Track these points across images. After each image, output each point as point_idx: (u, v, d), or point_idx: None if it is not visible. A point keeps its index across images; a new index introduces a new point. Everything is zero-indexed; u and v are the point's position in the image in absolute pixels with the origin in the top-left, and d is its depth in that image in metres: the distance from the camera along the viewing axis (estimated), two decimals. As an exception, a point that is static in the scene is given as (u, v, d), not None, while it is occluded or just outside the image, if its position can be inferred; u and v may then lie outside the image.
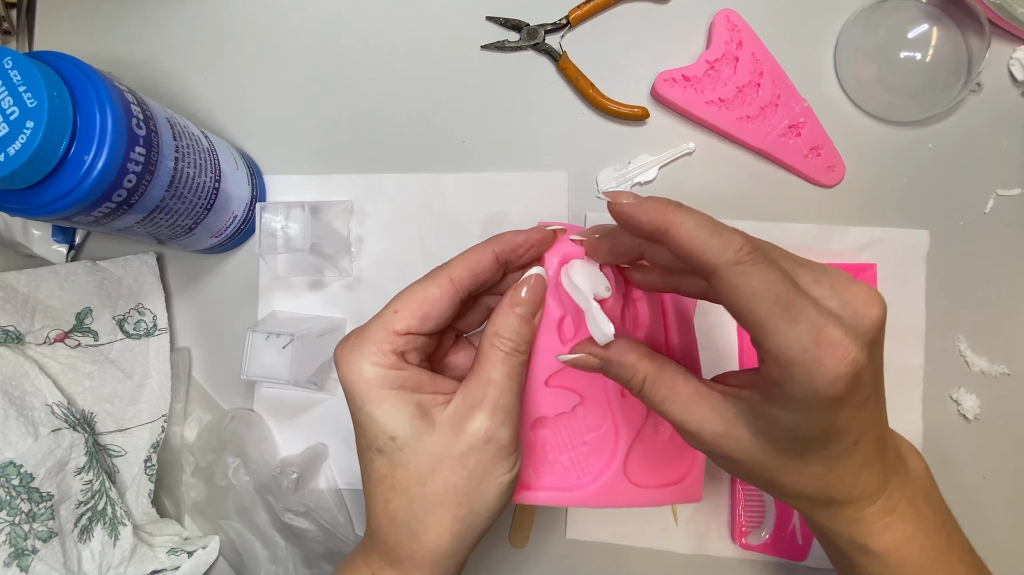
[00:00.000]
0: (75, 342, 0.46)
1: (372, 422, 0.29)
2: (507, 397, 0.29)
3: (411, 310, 0.29)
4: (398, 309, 0.29)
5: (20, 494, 0.41)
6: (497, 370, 0.29)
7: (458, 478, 0.29)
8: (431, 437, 0.29)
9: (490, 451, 0.29)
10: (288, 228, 0.42)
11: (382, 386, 0.29)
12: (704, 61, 0.47)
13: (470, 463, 0.29)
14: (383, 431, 0.29)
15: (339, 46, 0.50)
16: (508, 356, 0.30)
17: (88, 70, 0.33)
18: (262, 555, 0.46)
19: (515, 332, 0.30)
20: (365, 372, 0.29)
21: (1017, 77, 0.47)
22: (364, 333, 0.29)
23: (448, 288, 0.30)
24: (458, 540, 0.29)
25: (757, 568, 0.46)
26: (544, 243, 0.32)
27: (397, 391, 0.29)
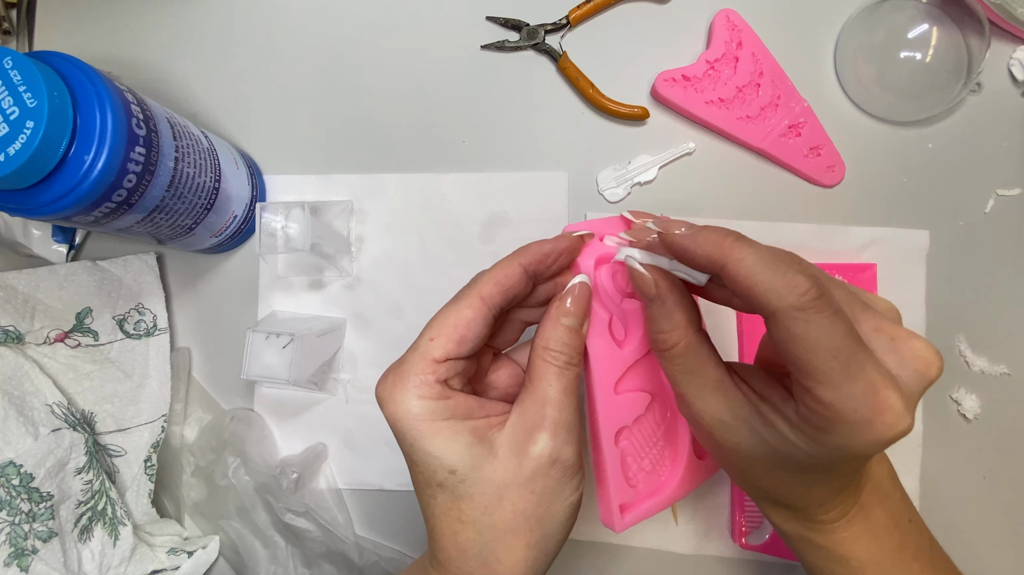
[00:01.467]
0: (75, 342, 0.46)
1: (428, 458, 0.27)
2: (566, 414, 0.28)
3: (446, 335, 0.28)
4: (433, 336, 0.28)
5: (20, 494, 0.41)
6: (553, 387, 0.28)
7: (527, 504, 0.28)
8: (493, 464, 0.28)
9: (556, 473, 0.28)
10: (288, 228, 0.42)
11: (433, 419, 0.27)
12: (704, 61, 0.47)
13: (537, 487, 0.28)
14: (441, 465, 0.27)
15: (339, 46, 0.50)
16: (562, 371, 0.29)
17: (88, 70, 0.33)
18: (262, 555, 0.46)
19: (565, 344, 0.29)
20: (412, 408, 0.27)
21: (1017, 77, 0.47)
22: (403, 367, 0.28)
23: (480, 307, 0.28)
24: (532, 566, 0.28)
25: (757, 568, 0.46)
26: (572, 250, 0.30)
27: (449, 422, 0.28)
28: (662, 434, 0.33)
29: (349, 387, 0.48)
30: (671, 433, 0.33)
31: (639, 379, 0.32)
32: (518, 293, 0.30)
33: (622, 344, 0.31)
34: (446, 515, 0.28)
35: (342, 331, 0.48)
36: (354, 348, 0.48)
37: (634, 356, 0.31)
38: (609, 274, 0.30)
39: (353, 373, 0.48)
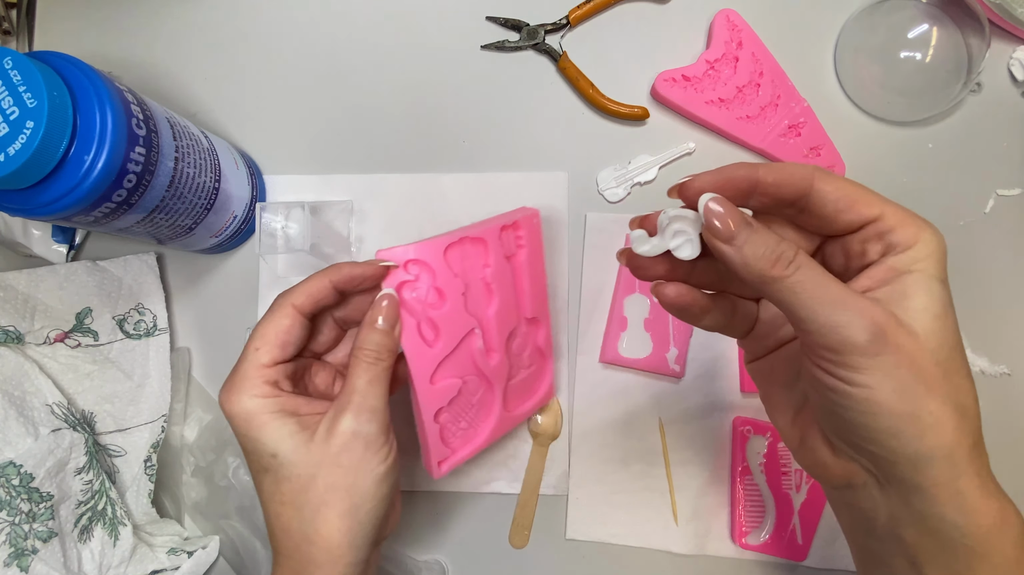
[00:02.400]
0: (75, 342, 0.46)
1: (256, 445, 0.32)
2: (370, 399, 0.32)
3: (270, 342, 0.33)
4: (258, 346, 0.33)
5: (20, 494, 0.41)
6: (361, 378, 0.33)
7: (335, 477, 0.31)
8: (309, 447, 0.32)
9: (359, 446, 0.32)
10: (288, 228, 0.42)
11: (263, 412, 0.32)
12: (704, 61, 0.47)
13: (343, 461, 0.32)
14: (266, 450, 0.32)
15: (339, 46, 0.50)
16: (370, 365, 0.33)
17: (88, 70, 0.33)
18: (262, 555, 0.46)
19: (376, 343, 0.33)
20: (247, 405, 0.32)
21: (1017, 77, 0.47)
22: (237, 374, 0.33)
23: (295, 316, 0.34)
24: (348, 534, 0.31)
25: (757, 568, 0.46)
26: (377, 277, 0.35)
27: (278, 413, 0.32)
28: (476, 402, 0.41)
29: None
30: (485, 401, 0.41)
31: (451, 370, 0.38)
32: (327, 303, 0.35)
33: (432, 343, 0.37)
34: (271, 499, 0.32)
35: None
36: None
37: (444, 352, 0.37)
38: (411, 290, 0.36)
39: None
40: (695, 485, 0.46)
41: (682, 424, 0.47)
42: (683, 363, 0.46)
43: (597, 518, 0.47)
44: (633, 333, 0.46)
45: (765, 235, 0.26)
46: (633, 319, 0.46)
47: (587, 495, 0.47)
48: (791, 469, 0.46)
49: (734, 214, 0.26)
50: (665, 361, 0.46)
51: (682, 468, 0.47)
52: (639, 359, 0.46)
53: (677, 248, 0.28)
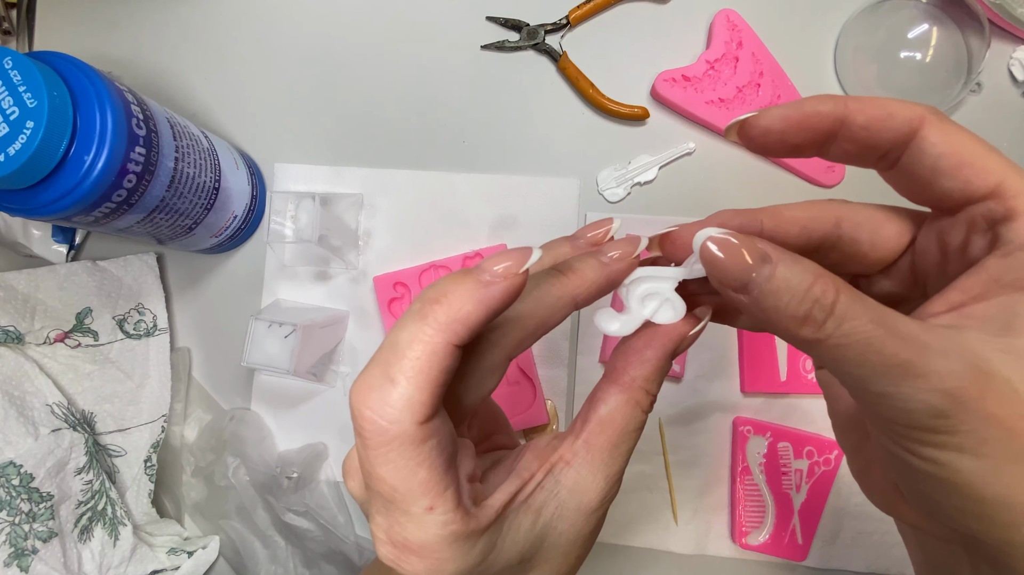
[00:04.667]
0: (75, 342, 0.46)
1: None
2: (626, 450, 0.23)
3: (430, 477, 0.18)
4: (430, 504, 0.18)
5: (20, 494, 0.41)
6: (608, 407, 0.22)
7: (586, 549, 0.24)
8: (562, 525, 0.22)
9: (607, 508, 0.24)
10: (298, 218, 0.42)
11: (490, 549, 0.20)
12: (704, 61, 0.47)
13: (597, 529, 0.24)
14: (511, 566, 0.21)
15: (340, 44, 0.50)
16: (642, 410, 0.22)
17: (88, 70, 0.33)
18: (262, 555, 0.46)
19: (655, 383, 0.23)
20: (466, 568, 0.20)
21: (1017, 77, 0.47)
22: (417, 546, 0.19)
23: (433, 386, 0.18)
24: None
25: (757, 568, 0.46)
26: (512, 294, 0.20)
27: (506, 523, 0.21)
28: None
29: (348, 380, 0.48)
30: None
31: None
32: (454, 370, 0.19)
33: None
34: None
35: (344, 324, 0.48)
36: (355, 342, 0.48)
37: None
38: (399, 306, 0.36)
39: (353, 367, 0.48)
40: (695, 485, 0.46)
41: (682, 424, 0.47)
42: (683, 363, 0.46)
43: (597, 518, 0.47)
44: (633, 333, 0.46)
45: (789, 273, 0.18)
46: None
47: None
48: (791, 469, 0.46)
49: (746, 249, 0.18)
50: None
51: (682, 468, 0.47)
52: None
53: (655, 315, 0.22)
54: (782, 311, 0.18)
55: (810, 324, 0.17)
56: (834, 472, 0.46)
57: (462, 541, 0.19)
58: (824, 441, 0.46)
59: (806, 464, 0.46)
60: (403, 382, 0.18)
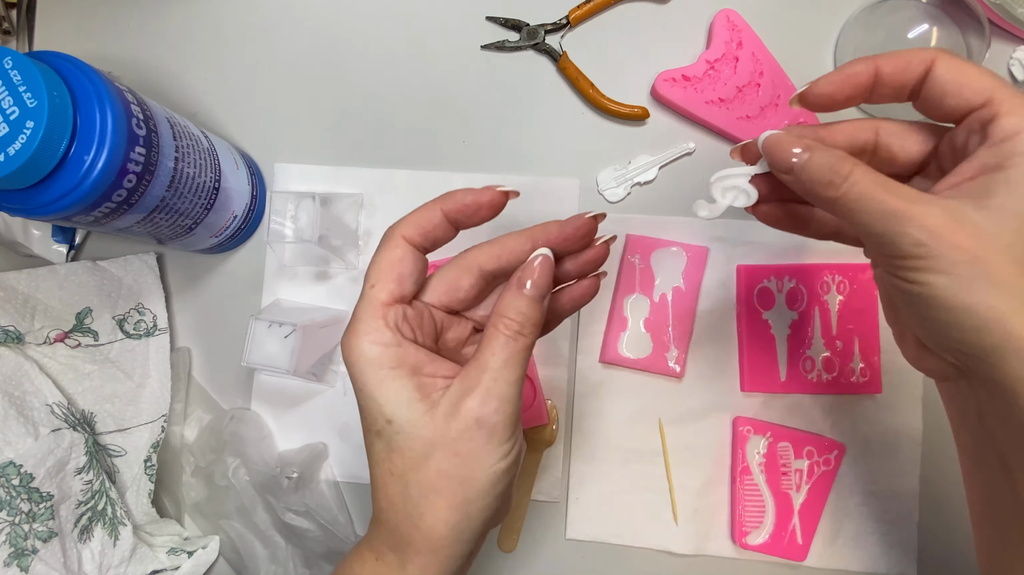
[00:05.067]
0: (75, 342, 0.46)
1: (372, 403, 0.28)
2: (502, 384, 0.28)
3: (384, 278, 0.29)
4: (373, 283, 0.29)
5: (20, 494, 0.41)
6: (496, 355, 0.28)
7: (450, 465, 0.28)
8: (426, 420, 0.28)
9: (482, 436, 0.28)
10: (298, 218, 0.42)
11: (382, 366, 0.28)
12: (704, 61, 0.47)
13: (462, 449, 0.28)
14: (381, 413, 0.28)
15: (341, 44, 0.50)
16: (509, 340, 0.29)
17: (88, 70, 0.33)
18: (262, 555, 0.46)
19: (520, 313, 0.29)
20: (365, 351, 0.28)
21: (1017, 77, 0.47)
22: (356, 317, 0.29)
23: (405, 246, 0.30)
24: (454, 528, 0.28)
25: (757, 568, 0.46)
26: (495, 205, 0.31)
27: (397, 371, 0.28)
28: None
29: (348, 381, 0.48)
30: None
31: None
32: (440, 236, 0.31)
33: None
34: (380, 465, 0.29)
35: (344, 324, 0.48)
36: None
37: None
38: None
39: None
40: (695, 485, 0.46)
41: (682, 424, 0.47)
42: (683, 363, 0.46)
43: (597, 518, 0.47)
44: (633, 333, 0.46)
45: (819, 157, 0.27)
46: (633, 319, 0.46)
47: (587, 495, 0.47)
48: (791, 469, 0.46)
49: (787, 144, 0.27)
50: (665, 361, 0.46)
51: (682, 468, 0.47)
52: (639, 359, 0.46)
53: (734, 201, 0.31)
54: (815, 180, 0.26)
55: (832, 187, 0.26)
56: (834, 472, 0.46)
57: (372, 328, 0.28)
58: (824, 441, 0.46)
59: (806, 464, 0.46)
60: (407, 217, 0.30)
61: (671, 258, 0.46)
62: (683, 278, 0.46)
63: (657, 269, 0.46)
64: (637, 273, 0.46)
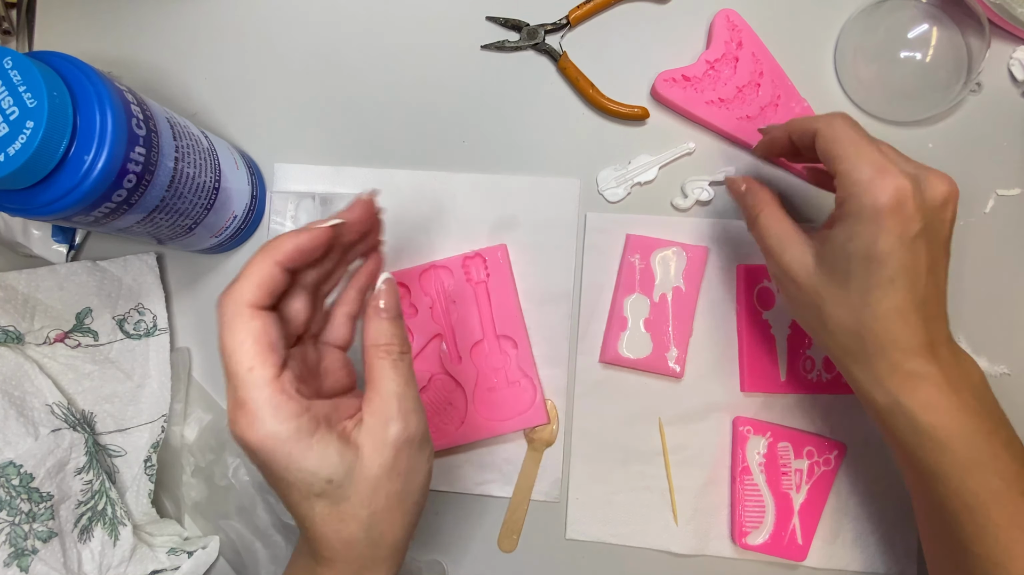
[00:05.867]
0: (75, 342, 0.46)
1: (305, 475, 0.28)
2: (409, 402, 0.31)
3: (260, 357, 0.28)
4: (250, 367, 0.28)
5: (20, 494, 0.41)
6: (393, 381, 0.31)
7: (395, 484, 0.30)
8: (361, 463, 0.29)
9: (413, 450, 0.31)
10: (298, 218, 0.42)
11: (301, 438, 0.28)
12: (704, 61, 0.47)
13: (401, 468, 0.30)
14: (319, 478, 0.28)
15: (340, 44, 0.50)
16: (396, 362, 0.31)
17: (88, 70, 0.33)
18: (262, 555, 0.46)
19: (393, 335, 0.31)
20: (276, 432, 0.27)
21: (1017, 77, 0.47)
22: (241, 403, 0.28)
23: (260, 315, 0.29)
24: (410, 528, 0.32)
25: (757, 568, 0.46)
26: (325, 243, 0.31)
27: (317, 433, 0.28)
28: (447, 400, 0.47)
29: None
30: (456, 401, 0.47)
31: (421, 364, 0.47)
32: (281, 290, 0.30)
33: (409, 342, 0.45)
34: (327, 520, 0.30)
35: None
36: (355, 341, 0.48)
37: (416, 350, 0.47)
38: None
39: None
40: (695, 485, 0.46)
41: (682, 424, 0.47)
42: (683, 363, 0.46)
43: (597, 518, 0.47)
44: (633, 333, 0.46)
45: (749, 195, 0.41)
46: (633, 319, 0.46)
47: (587, 495, 0.47)
48: (791, 469, 0.46)
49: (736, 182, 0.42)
50: (665, 361, 0.46)
51: (682, 468, 0.47)
52: (639, 359, 0.46)
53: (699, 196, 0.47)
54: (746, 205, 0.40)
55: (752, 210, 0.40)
56: (834, 472, 0.46)
57: (277, 407, 0.27)
58: (824, 441, 0.46)
59: (806, 464, 0.46)
60: (242, 280, 0.29)
61: (671, 258, 0.46)
62: (683, 278, 0.46)
63: (657, 269, 0.46)
64: (637, 273, 0.47)
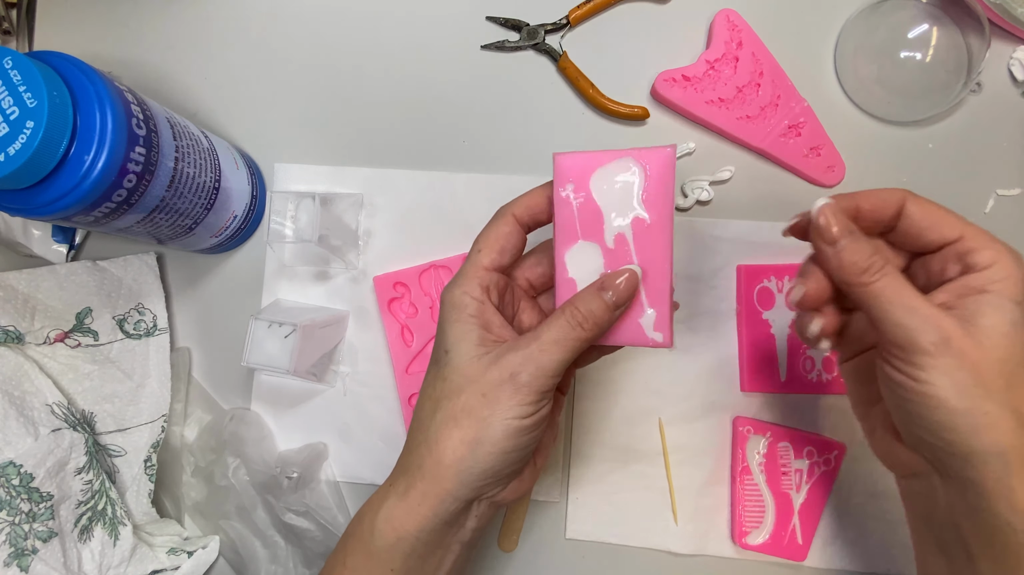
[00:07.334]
0: (75, 342, 0.46)
1: (442, 335, 0.33)
2: (545, 356, 0.31)
3: (489, 246, 0.33)
4: (480, 248, 0.34)
5: (20, 494, 0.41)
6: (551, 332, 0.31)
7: (475, 402, 0.31)
8: (472, 361, 0.32)
9: (508, 389, 0.31)
10: (298, 218, 0.42)
11: (463, 311, 0.32)
12: (704, 61, 0.47)
13: (488, 393, 0.31)
14: (444, 344, 0.33)
15: (340, 44, 0.50)
16: (568, 325, 0.31)
17: (88, 70, 0.33)
18: (262, 555, 0.46)
19: (592, 313, 0.31)
20: (455, 297, 0.33)
21: (1017, 77, 0.47)
22: (461, 271, 0.34)
23: (513, 223, 0.34)
24: (459, 461, 0.31)
25: (757, 568, 0.46)
26: None
27: (472, 319, 0.32)
28: None
29: (348, 380, 0.48)
30: None
31: (422, 363, 0.47)
32: (542, 220, 0.35)
33: (409, 343, 0.47)
34: (425, 389, 0.34)
35: (344, 323, 0.48)
36: (355, 341, 0.48)
37: (417, 349, 0.47)
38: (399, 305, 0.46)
39: (353, 366, 0.48)
40: (695, 485, 0.46)
41: (682, 424, 0.47)
42: (668, 327, 0.32)
43: (597, 518, 0.47)
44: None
45: (863, 245, 0.30)
46: (582, 279, 0.33)
47: (587, 495, 0.47)
48: (791, 469, 0.46)
49: (841, 221, 0.30)
50: (640, 330, 0.33)
51: (682, 468, 0.47)
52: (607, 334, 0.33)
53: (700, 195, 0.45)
54: (852, 263, 0.29)
55: (866, 275, 0.29)
56: (834, 472, 0.46)
57: (472, 276, 0.33)
58: (824, 441, 0.46)
59: (806, 464, 0.46)
60: (523, 197, 0.34)
61: (621, 177, 0.32)
62: (643, 203, 0.32)
63: (602, 198, 0.32)
64: (575, 211, 0.32)
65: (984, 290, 0.29)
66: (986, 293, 0.29)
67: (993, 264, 0.29)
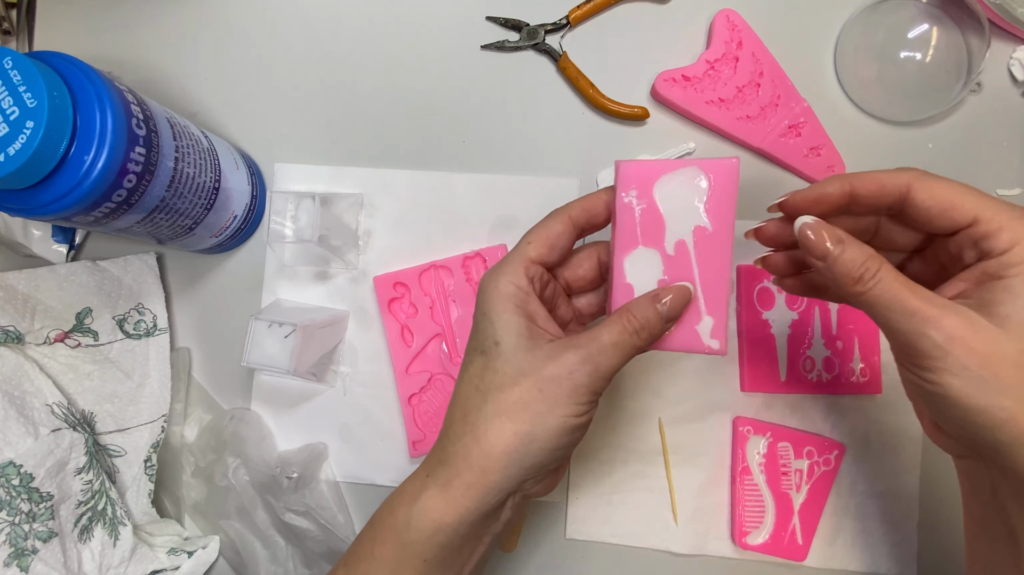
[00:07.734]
0: (75, 342, 0.46)
1: (488, 325, 0.32)
2: (603, 359, 0.31)
3: (540, 241, 0.33)
4: (531, 241, 0.33)
5: (20, 494, 0.41)
6: (610, 335, 0.31)
7: (531, 397, 0.31)
8: (526, 353, 0.31)
9: (566, 388, 0.31)
10: (298, 218, 0.42)
11: (509, 301, 0.32)
12: (704, 61, 0.47)
13: (546, 389, 0.31)
14: (493, 334, 0.32)
15: (340, 44, 0.50)
16: (625, 331, 0.31)
17: (88, 70, 0.33)
18: (262, 555, 0.46)
19: (648, 320, 0.31)
20: (501, 286, 0.32)
21: (1017, 77, 0.47)
22: (506, 259, 0.34)
23: (568, 223, 0.34)
24: (510, 454, 0.31)
25: (757, 568, 0.46)
26: None
27: (519, 310, 0.32)
28: (444, 397, 0.47)
29: (348, 380, 0.48)
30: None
31: (422, 364, 0.47)
32: (598, 223, 0.35)
33: (409, 343, 0.47)
34: (470, 380, 0.33)
35: (344, 324, 0.48)
36: (355, 341, 0.48)
37: (416, 350, 0.47)
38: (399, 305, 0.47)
39: (353, 366, 0.48)
40: (695, 485, 0.46)
41: (682, 424, 0.47)
42: (723, 335, 0.33)
43: (597, 518, 0.47)
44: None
45: (853, 253, 0.28)
46: (640, 286, 0.33)
47: (587, 495, 0.47)
48: (791, 469, 0.46)
49: (826, 233, 0.29)
50: (697, 336, 0.33)
51: (682, 468, 0.47)
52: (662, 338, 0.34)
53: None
54: (845, 273, 0.28)
55: (860, 283, 0.28)
56: (834, 472, 0.46)
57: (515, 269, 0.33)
58: (824, 441, 0.46)
59: (806, 464, 0.46)
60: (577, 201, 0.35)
61: (684, 185, 0.32)
62: (707, 212, 0.32)
63: (665, 205, 0.33)
64: (636, 217, 0.33)
65: (1001, 276, 0.28)
66: (1003, 279, 0.27)
67: (1010, 248, 0.28)
